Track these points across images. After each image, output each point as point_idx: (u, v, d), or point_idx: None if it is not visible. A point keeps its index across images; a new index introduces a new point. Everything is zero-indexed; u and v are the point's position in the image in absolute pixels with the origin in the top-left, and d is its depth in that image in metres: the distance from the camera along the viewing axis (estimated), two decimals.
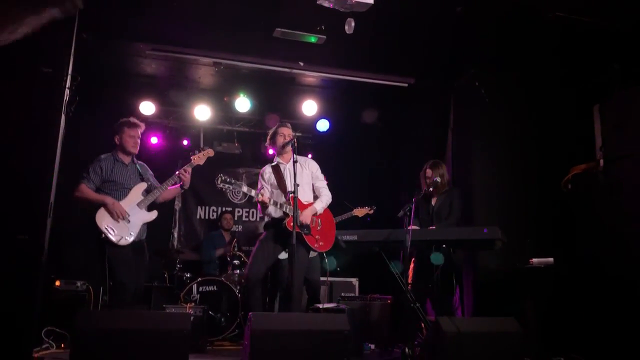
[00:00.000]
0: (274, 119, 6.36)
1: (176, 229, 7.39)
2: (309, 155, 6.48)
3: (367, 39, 4.81)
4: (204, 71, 6.15)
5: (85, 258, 5.28)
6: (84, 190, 4.00)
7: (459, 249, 4.58)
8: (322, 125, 7.23)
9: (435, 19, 4.70)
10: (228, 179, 4.09)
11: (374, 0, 3.83)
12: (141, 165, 4.35)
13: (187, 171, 4.22)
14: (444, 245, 4.22)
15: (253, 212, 7.75)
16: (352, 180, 7.04)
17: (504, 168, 5.27)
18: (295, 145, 4.09)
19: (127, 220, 3.99)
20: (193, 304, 5.13)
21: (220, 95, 6.84)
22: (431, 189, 4.63)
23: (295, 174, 3.93)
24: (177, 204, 7.41)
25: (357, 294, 5.84)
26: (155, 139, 7.15)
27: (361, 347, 4.68)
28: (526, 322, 4.05)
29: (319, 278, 4.93)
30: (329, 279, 5.48)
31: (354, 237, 4.15)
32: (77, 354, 2.85)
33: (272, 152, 5.97)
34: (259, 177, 4.48)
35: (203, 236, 7.31)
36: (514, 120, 5.35)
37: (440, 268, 4.20)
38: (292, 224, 3.90)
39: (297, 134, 4.23)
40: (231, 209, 7.52)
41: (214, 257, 6.52)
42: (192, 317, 4.01)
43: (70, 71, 3.82)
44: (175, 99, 6.80)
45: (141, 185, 4.20)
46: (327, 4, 3.86)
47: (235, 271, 5.88)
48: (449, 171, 5.13)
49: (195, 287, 5.54)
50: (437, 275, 4.18)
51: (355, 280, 6.08)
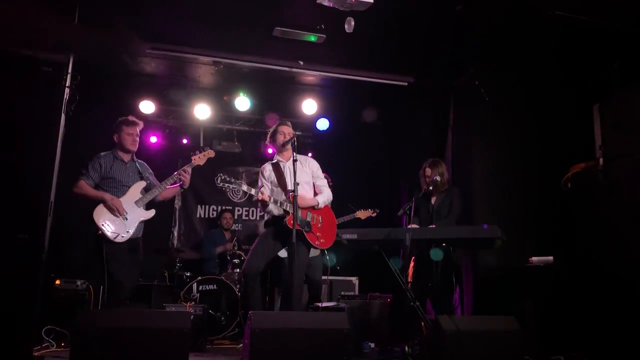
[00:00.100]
0: (274, 117, 6.36)
1: (176, 228, 7.40)
2: (309, 154, 6.48)
3: (367, 37, 4.81)
4: (204, 70, 6.16)
5: (85, 257, 5.28)
6: (82, 186, 4.03)
7: (459, 247, 4.59)
8: (322, 124, 7.23)
9: (435, 18, 4.70)
10: (228, 178, 4.09)
11: None
12: (141, 164, 4.36)
13: (187, 171, 4.24)
14: (444, 244, 4.22)
15: (253, 210, 7.77)
16: (351, 179, 7.05)
17: (504, 167, 5.27)
18: (295, 143, 4.09)
19: (125, 218, 4.00)
20: (193, 303, 5.15)
21: (220, 94, 6.84)
22: (431, 188, 4.63)
23: (295, 173, 3.93)
24: (177, 203, 7.42)
25: (357, 292, 5.83)
26: (155, 138, 7.16)
27: (361, 345, 4.70)
28: (526, 320, 4.04)
29: (320, 278, 4.93)
30: (329, 277, 5.49)
31: (354, 236, 4.14)
32: (77, 353, 2.85)
33: (271, 151, 5.97)
34: (259, 175, 4.47)
35: (203, 235, 7.32)
36: (513, 119, 5.35)
37: (440, 267, 4.20)
38: (292, 221, 3.90)
39: (297, 132, 4.23)
40: (231, 207, 7.53)
41: (214, 255, 6.53)
42: (192, 316, 4.00)
43: (70, 70, 3.82)
44: (175, 97, 6.80)
45: (140, 184, 4.22)
46: (326, 3, 3.85)
47: (235, 270, 5.90)
48: (448, 170, 5.12)
49: (195, 285, 5.55)
50: (437, 274, 4.18)
51: (355, 279, 6.07)
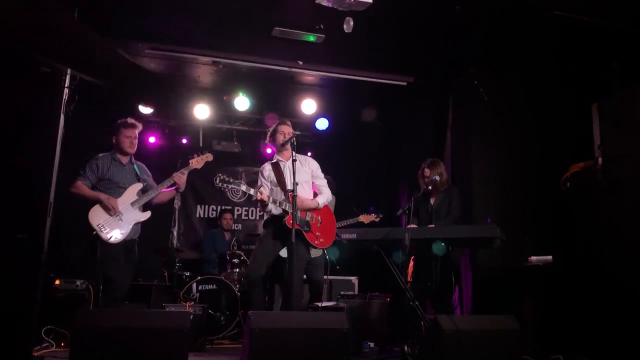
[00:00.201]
0: (273, 117, 6.35)
1: (176, 228, 7.41)
2: (309, 153, 6.48)
3: (366, 37, 4.80)
4: (203, 70, 6.15)
5: (84, 257, 5.28)
6: (79, 186, 4.08)
7: (458, 247, 4.59)
8: (321, 124, 7.23)
9: (434, 18, 4.69)
10: (227, 179, 4.09)
11: None
12: (139, 166, 4.37)
13: (183, 174, 4.26)
14: (443, 244, 4.22)
15: (252, 210, 7.77)
16: (350, 179, 7.05)
17: (503, 166, 5.27)
18: (295, 143, 4.09)
19: (120, 219, 4.03)
20: (192, 303, 5.15)
21: (220, 94, 6.84)
22: (430, 188, 4.63)
23: (294, 172, 3.93)
24: (177, 203, 7.42)
25: (356, 292, 5.83)
26: (153, 139, 7.16)
27: (360, 345, 4.70)
28: (525, 320, 4.05)
29: (321, 278, 4.93)
30: (329, 277, 5.49)
31: (353, 236, 4.14)
32: (76, 353, 2.85)
33: (270, 151, 5.97)
34: (259, 175, 4.47)
35: (202, 235, 7.32)
36: (513, 118, 5.35)
37: (440, 267, 4.20)
38: (291, 221, 3.91)
39: (296, 132, 4.24)
40: (230, 207, 7.53)
41: (214, 255, 6.53)
42: (191, 316, 4.01)
43: (69, 70, 3.82)
44: (174, 98, 6.80)
45: (137, 186, 4.24)
46: (325, 3, 3.84)
47: (235, 270, 5.89)
48: (447, 170, 5.13)
49: (194, 285, 5.55)
50: (437, 273, 4.18)
51: (354, 279, 6.07)
